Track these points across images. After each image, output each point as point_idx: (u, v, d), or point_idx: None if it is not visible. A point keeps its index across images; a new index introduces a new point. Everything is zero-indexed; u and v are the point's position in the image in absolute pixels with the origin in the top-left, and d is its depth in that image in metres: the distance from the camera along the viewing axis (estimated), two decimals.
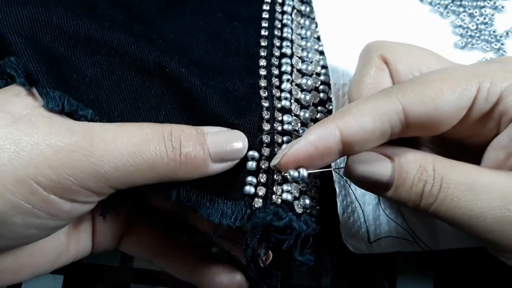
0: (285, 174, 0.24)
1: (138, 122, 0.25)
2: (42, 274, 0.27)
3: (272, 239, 0.25)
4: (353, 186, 0.29)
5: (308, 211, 0.26)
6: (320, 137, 0.23)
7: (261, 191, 0.26)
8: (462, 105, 0.22)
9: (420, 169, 0.22)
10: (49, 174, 0.21)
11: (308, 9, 0.33)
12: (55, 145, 0.22)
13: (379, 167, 0.23)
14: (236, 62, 0.29)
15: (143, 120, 0.26)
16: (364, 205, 0.29)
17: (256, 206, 0.25)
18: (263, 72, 0.29)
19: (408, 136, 0.24)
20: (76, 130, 0.23)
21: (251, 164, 0.26)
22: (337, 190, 0.28)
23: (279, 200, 0.26)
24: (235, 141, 0.25)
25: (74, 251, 0.28)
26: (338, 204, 0.28)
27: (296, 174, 0.24)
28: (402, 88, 0.23)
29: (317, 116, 0.29)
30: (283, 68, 0.29)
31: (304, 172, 0.24)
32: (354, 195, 0.29)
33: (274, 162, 0.25)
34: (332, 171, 0.28)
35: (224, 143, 0.25)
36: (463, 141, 0.25)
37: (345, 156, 0.24)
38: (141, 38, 0.28)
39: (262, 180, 0.26)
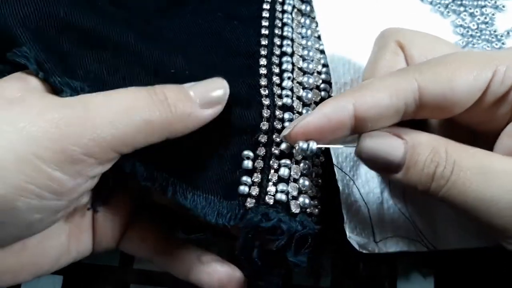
0: (294, 145, 0.24)
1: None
2: (43, 274, 0.27)
3: (264, 239, 0.25)
4: (358, 184, 0.29)
5: (308, 210, 0.26)
6: (334, 110, 0.23)
7: (254, 191, 0.26)
8: (478, 86, 0.22)
9: (433, 151, 0.22)
10: (50, 146, 0.21)
11: (308, 8, 0.33)
12: (52, 118, 0.22)
13: (392, 146, 0.23)
14: (236, 61, 0.29)
15: None
16: (369, 204, 0.29)
17: (248, 206, 0.26)
18: (263, 71, 0.29)
19: (421, 118, 0.24)
20: (70, 102, 0.23)
21: (246, 164, 0.26)
22: (341, 188, 0.28)
23: (272, 201, 0.26)
24: (216, 87, 0.26)
25: (75, 252, 0.28)
26: (342, 203, 0.28)
27: (305, 146, 0.24)
28: (419, 68, 0.23)
29: None
30: (284, 66, 0.29)
31: (313, 145, 0.24)
32: (360, 193, 0.28)
33: (284, 132, 0.25)
34: (335, 169, 0.28)
35: (206, 91, 0.25)
36: (475, 128, 0.25)
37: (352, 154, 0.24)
38: (146, 36, 0.28)
39: (256, 180, 0.26)
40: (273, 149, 0.27)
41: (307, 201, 0.26)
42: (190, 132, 0.25)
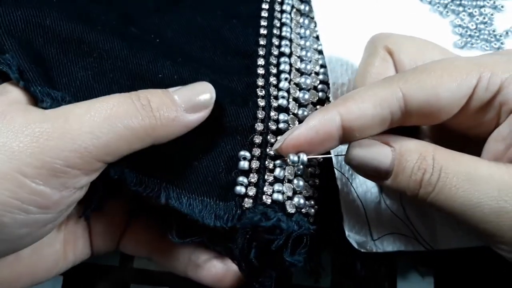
0: (286, 159, 0.25)
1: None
2: (41, 282, 0.27)
3: (262, 239, 0.25)
4: (355, 183, 0.29)
5: (303, 210, 0.26)
6: (321, 122, 0.23)
7: (252, 191, 0.26)
8: (462, 93, 0.23)
9: (420, 157, 0.23)
10: (32, 161, 0.21)
11: (307, 8, 0.33)
12: (33, 132, 0.21)
13: (380, 153, 0.23)
14: (234, 60, 0.29)
15: None
16: (366, 203, 0.29)
17: (246, 206, 0.26)
18: (261, 71, 0.29)
19: (409, 125, 0.24)
20: (51, 114, 0.22)
21: (243, 164, 0.26)
22: (340, 187, 0.28)
23: (269, 200, 0.26)
24: (202, 91, 0.25)
25: (72, 257, 0.28)
26: (341, 201, 0.28)
27: (296, 158, 0.24)
28: (404, 76, 0.23)
29: None
30: (282, 67, 0.29)
31: (304, 157, 0.24)
32: (356, 193, 0.29)
33: (275, 146, 0.25)
34: (335, 170, 0.28)
35: (191, 95, 0.25)
36: (464, 133, 0.25)
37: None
38: (135, 41, 0.27)
39: (253, 180, 0.26)
40: (267, 149, 0.27)
41: (302, 201, 0.26)
42: (177, 137, 0.25)
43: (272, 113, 0.28)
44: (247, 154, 0.27)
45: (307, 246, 0.25)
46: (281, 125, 0.27)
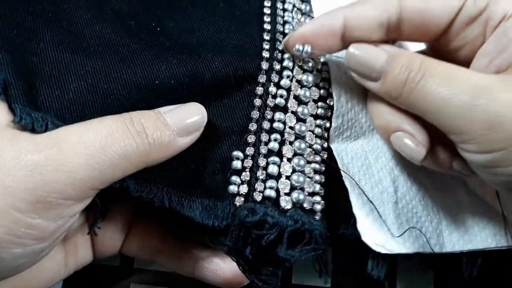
0: (292, 48, 0.28)
1: (100, 117, 0.24)
2: None
3: (255, 236, 0.25)
4: (371, 182, 0.28)
5: (306, 206, 0.26)
6: (326, 18, 0.27)
7: (244, 189, 0.26)
8: (452, 4, 0.25)
9: (409, 60, 0.24)
10: (27, 197, 0.20)
11: (308, 7, 0.33)
12: (25, 166, 0.21)
13: (376, 54, 0.26)
14: (238, 52, 0.29)
15: None
16: (383, 204, 0.28)
17: (238, 204, 0.26)
18: (264, 66, 0.29)
19: (403, 40, 0.27)
20: (42, 143, 0.22)
21: (236, 164, 0.27)
22: (349, 188, 0.27)
23: (260, 197, 0.26)
24: (193, 113, 0.26)
25: (73, 265, 0.29)
26: (353, 203, 0.27)
27: (301, 47, 0.27)
28: None
29: (318, 112, 0.29)
30: (285, 63, 0.29)
31: (308, 48, 0.27)
32: (366, 196, 0.28)
33: (284, 40, 0.28)
34: (341, 171, 0.28)
35: (183, 117, 0.25)
36: (455, 58, 0.27)
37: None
38: (128, 52, 0.27)
39: (245, 179, 0.26)
40: (261, 148, 0.27)
41: (301, 196, 0.26)
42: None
43: (267, 112, 0.28)
44: (240, 154, 0.27)
45: (312, 243, 0.25)
46: (276, 124, 0.27)
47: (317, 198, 0.27)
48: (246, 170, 0.27)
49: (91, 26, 0.28)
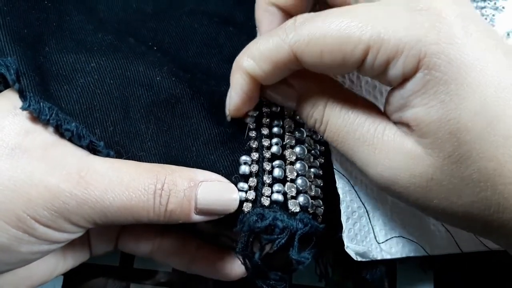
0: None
1: (135, 162, 0.25)
2: (41, 284, 0.28)
3: (262, 241, 0.25)
4: (363, 190, 0.28)
5: (310, 210, 0.26)
6: (241, 85, 0.25)
7: (251, 195, 0.26)
8: (347, 69, 0.23)
9: (314, 107, 0.25)
10: (47, 215, 0.22)
11: None
12: (51, 188, 0.22)
13: (287, 95, 0.26)
14: (230, 68, 0.29)
15: (133, 131, 0.26)
16: (375, 209, 0.28)
17: (246, 210, 0.26)
18: None
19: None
20: (72, 173, 0.23)
21: (244, 169, 0.27)
22: (341, 196, 0.27)
23: (268, 202, 0.26)
24: (225, 202, 0.25)
25: (71, 260, 0.29)
26: (342, 211, 0.27)
27: (251, 113, 0.27)
28: (295, 36, 0.22)
29: None
30: None
31: (255, 113, 0.27)
32: (360, 200, 0.28)
33: (229, 116, 0.27)
34: (336, 176, 0.28)
35: (214, 202, 0.25)
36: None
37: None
38: (130, 53, 0.28)
39: (252, 184, 0.26)
40: (264, 152, 0.27)
41: (307, 200, 0.26)
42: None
43: (265, 120, 0.28)
44: (248, 158, 0.27)
45: (317, 246, 0.25)
46: (275, 129, 0.27)
47: (319, 202, 0.27)
48: (253, 175, 0.27)
49: (93, 34, 0.29)
